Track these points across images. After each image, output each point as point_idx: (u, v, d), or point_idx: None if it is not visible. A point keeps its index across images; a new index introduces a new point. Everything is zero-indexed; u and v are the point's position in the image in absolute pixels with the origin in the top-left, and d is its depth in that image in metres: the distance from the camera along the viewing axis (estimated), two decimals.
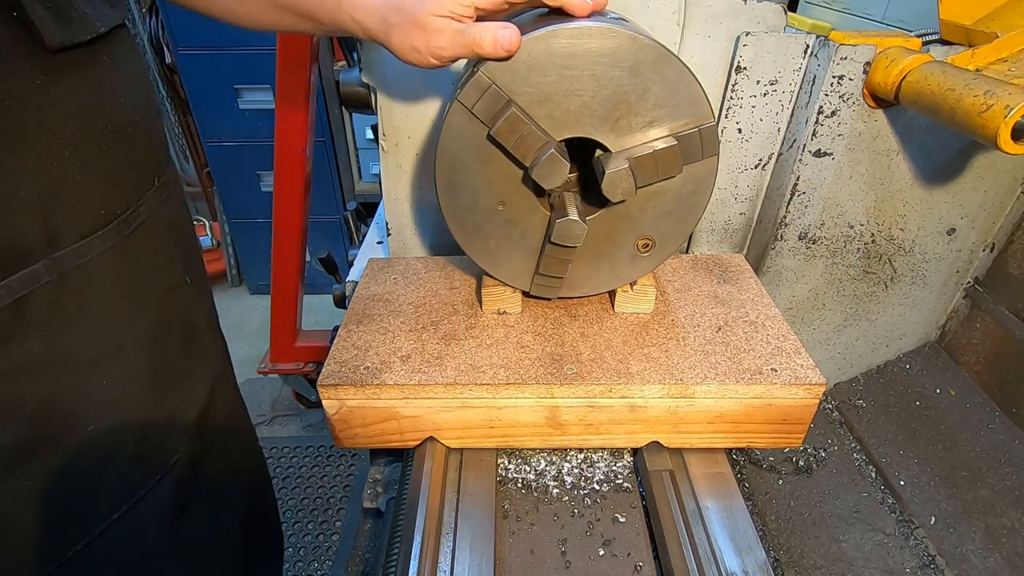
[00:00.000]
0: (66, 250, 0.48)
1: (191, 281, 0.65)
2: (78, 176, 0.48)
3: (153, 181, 0.57)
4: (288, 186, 1.49)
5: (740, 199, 0.87)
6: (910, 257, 0.90)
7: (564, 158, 0.57)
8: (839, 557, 0.80)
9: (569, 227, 0.61)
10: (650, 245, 0.68)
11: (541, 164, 0.57)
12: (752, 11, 0.73)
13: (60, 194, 0.47)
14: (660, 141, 0.59)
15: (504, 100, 0.56)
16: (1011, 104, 0.54)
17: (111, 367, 0.54)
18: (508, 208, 0.65)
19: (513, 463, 0.70)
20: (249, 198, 2.58)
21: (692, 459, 0.68)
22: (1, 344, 0.45)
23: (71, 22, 0.46)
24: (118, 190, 0.52)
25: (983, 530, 0.79)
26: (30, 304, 0.46)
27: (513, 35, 0.50)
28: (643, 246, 0.68)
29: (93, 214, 0.50)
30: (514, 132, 0.57)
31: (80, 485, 0.53)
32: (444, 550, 0.58)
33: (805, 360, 0.66)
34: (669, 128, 0.59)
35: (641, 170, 0.59)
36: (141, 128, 0.55)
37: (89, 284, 0.50)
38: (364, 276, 0.82)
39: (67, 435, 0.51)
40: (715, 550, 0.58)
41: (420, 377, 0.64)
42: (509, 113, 0.56)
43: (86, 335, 0.51)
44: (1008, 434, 0.85)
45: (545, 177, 0.58)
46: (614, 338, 0.70)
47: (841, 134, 0.77)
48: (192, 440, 0.65)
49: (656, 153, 0.59)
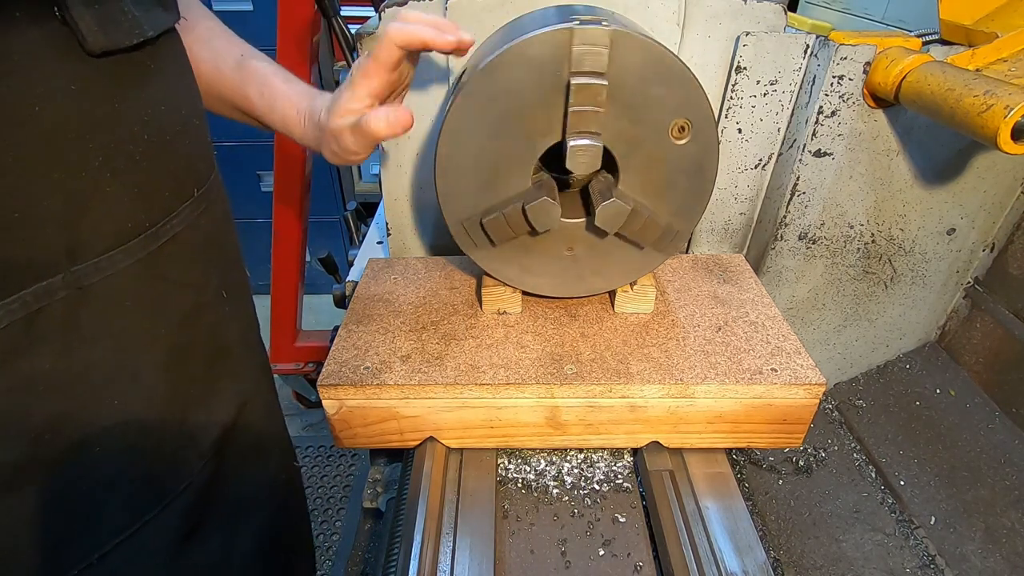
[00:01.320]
0: (86, 264, 0.45)
1: (228, 296, 0.62)
2: (107, 187, 0.45)
3: (192, 192, 0.55)
4: (288, 186, 1.49)
5: (740, 199, 0.87)
6: (910, 257, 0.90)
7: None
8: (839, 557, 0.80)
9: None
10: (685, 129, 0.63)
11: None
12: (752, 11, 0.73)
13: (85, 205, 0.44)
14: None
15: None
16: (1011, 104, 0.54)
17: (125, 387, 0.51)
18: None
19: (513, 463, 0.70)
20: (249, 198, 2.59)
21: (692, 459, 0.68)
22: (10, 358, 0.43)
23: (119, 25, 0.44)
24: (148, 203, 0.50)
25: (983, 530, 0.79)
26: (43, 318, 0.44)
27: (402, 114, 0.54)
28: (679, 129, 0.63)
29: (119, 227, 0.47)
30: None
31: (82, 507, 0.51)
32: (444, 550, 0.58)
33: (805, 360, 0.66)
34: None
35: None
36: (182, 138, 0.53)
37: (108, 300, 0.48)
38: (364, 276, 0.82)
39: (72, 455, 0.49)
40: (715, 550, 0.58)
41: (420, 377, 0.64)
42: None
43: (101, 353, 0.48)
44: (1008, 434, 0.85)
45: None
46: (614, 338, 0.70)
47: (841, 134, 0.77)
48: (210, 461, 0.62)
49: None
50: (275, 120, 0.65)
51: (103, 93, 0.44)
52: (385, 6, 0.72)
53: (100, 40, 0.42)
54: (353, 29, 1.15)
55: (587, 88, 0.55)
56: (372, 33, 0.73)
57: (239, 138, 2.42)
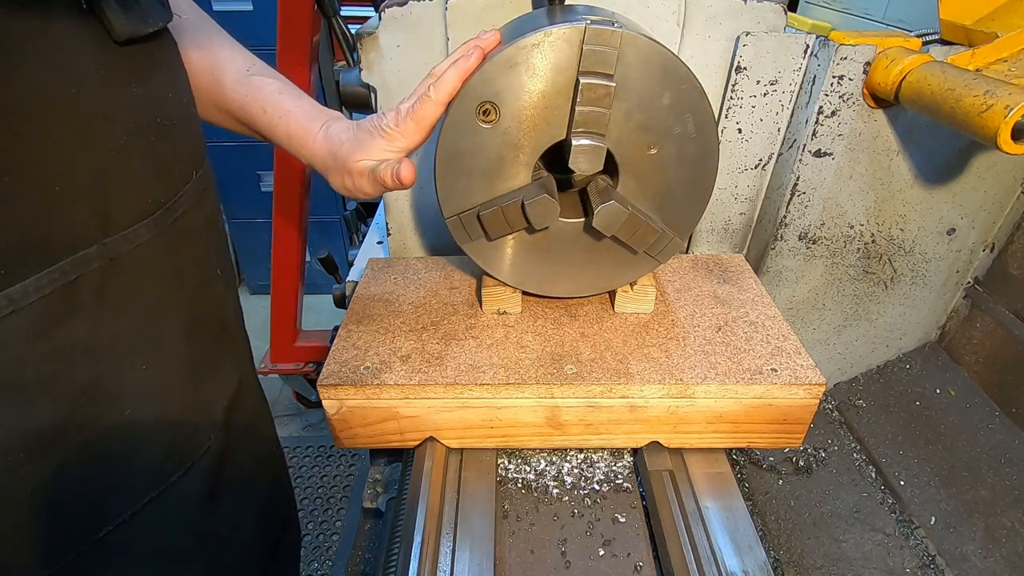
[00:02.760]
0: (117, 236, 0.49)
1: (222, 274, 0.67)
2: (131, 165, 0.50)
3: (192, 174, 0.59)
4: (288, 186, 1.49)
5: (740, 199, 0.87)
6: (910, 257, 0.90)
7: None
8: (839, 557, 0.80)
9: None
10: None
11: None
12: (752, 11, 0.73)
13: (114, 182, 0.49)
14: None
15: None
16: (1011, 104, 0.54)
17: (150, 354, 0.56)
18: None
19: (513, 463, 0.70)
20: (249, 198, 2.59)
21: (692, 459, 0.68)
22: (51, 326, 0.46)
23: (137, 15, 0.48)
24: (163, 181, 0.54)
25: (983, 530, 0.79)
26: (79, 288, 0.48)
27: (406, 171, 0.57)
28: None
29: (142, 202, 0.52)
30: None
31: (115, 466, 0.55)
32: (444, 550, 0.58)
33: (805, 360, 0.66)
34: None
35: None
36: (183, 124, 0.57)
37: (134, 271, 0.52)
38: (364, 276, 0.82)
39: (106, 417, 0.53)
40: (715, 550, 0.58)
41: (420, 377, 0.64)
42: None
43: (128, 321, 0.53)
44: (1008, 434, 0.85)
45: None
46: (614, 338, 0.70)
47: (841, 134, 0.77)
48: (220, 430, 0.66)
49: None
50: (279, 137, 0.67)
51: (124, 80, 0.48)
52: (385, 6, 0.72)
53: (125, 28, 0.46)
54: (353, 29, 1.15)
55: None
56: (372, 33, 0.73)
57: (239, 138, 2.41)
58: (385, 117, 0.60)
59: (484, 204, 0.64)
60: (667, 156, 0.62)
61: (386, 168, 0.58)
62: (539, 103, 0.58)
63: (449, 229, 0.66)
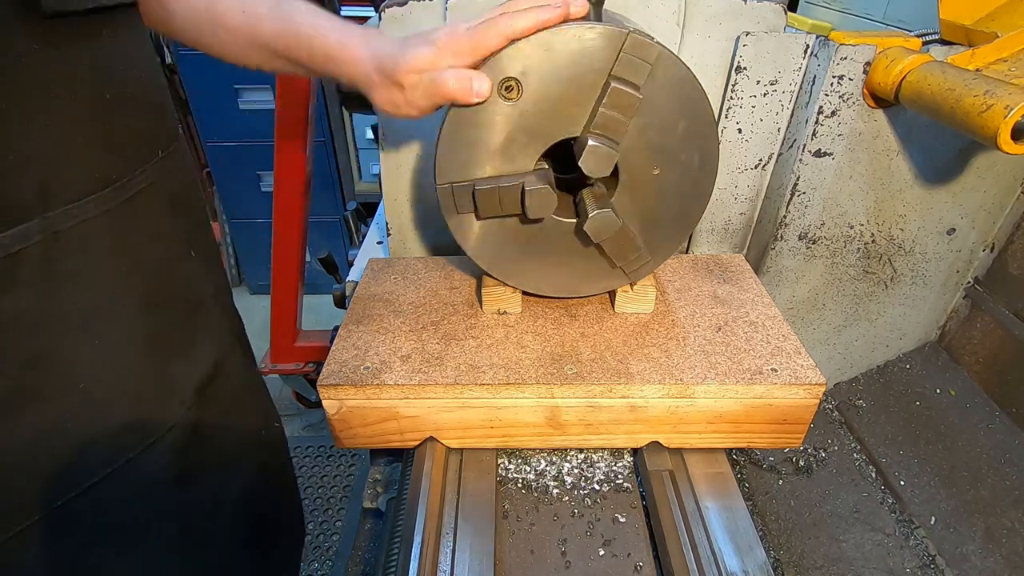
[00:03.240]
0: (58, 211, 0.50)
1: (196, 255, 0.67)
2: (76, 139, 0.50)
3: (156, 153, 0.59)
4: (288, 186, 1.49)
5: (740, 199, 0.87)
6: (910, 257, 0.90)
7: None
8: (839, 557, 0.80)
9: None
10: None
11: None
12: (752, 11, 0.73)
13: (55, 156, 0.49)
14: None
15: None
16: (1011, 104, 0.54)
17: (103, 328, 0.56)
18: None
19: (513, 463, 0.70)
20: (249, 198, 2.58)
21: (692, 459, 0.68)
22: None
23: None
24: (115, 157, 0.54)
25: (983, 530, 0.79)
26: (23, 261, 0.48)
27: (483, 83, 0.54)
28: None
29: (87, 178, 0.52)
30: None
31: (69, 437, 0.56)
32: (444, 550, 0.58)
33: (805, 360, 0.66)
34: None
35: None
36: (142, 103, 0.57)
37: (83, 246, 0.52)
38: (364, 276, 0.82)
39: (56, 388, 0.54)
40: (715, 550, 0.58)
41: (420, 377, 0.64)
42: None
43: (79, 295, 0.53)
44: (1008, 434, 0.85)
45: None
46: (614, 338, 0.70)
47: (841, 134, 0.77)
48: (192, 409, 0.66)
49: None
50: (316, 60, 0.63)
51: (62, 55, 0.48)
52: (385, 6, 0.72)
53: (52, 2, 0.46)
54: None
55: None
56: None
57: (239, 138, 2.42)
58: (438, 31, 0.56)
59: (481, 180, 0.62)
60: (667, 180, 0.63)
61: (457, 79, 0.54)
62: (563, 94, 0.57)
63: (439, 196, 0.64)
